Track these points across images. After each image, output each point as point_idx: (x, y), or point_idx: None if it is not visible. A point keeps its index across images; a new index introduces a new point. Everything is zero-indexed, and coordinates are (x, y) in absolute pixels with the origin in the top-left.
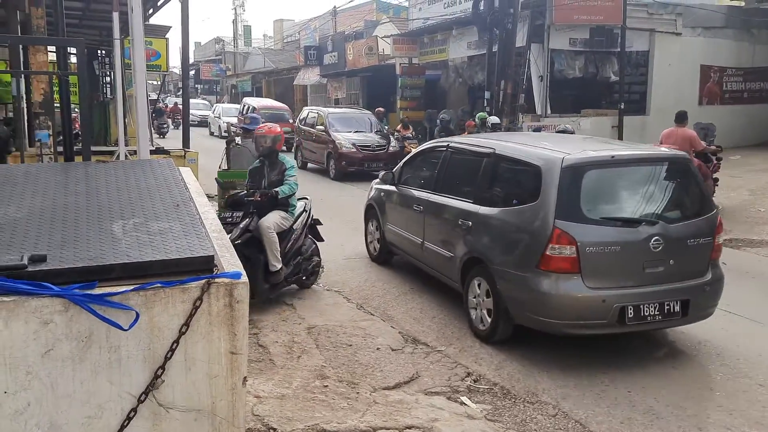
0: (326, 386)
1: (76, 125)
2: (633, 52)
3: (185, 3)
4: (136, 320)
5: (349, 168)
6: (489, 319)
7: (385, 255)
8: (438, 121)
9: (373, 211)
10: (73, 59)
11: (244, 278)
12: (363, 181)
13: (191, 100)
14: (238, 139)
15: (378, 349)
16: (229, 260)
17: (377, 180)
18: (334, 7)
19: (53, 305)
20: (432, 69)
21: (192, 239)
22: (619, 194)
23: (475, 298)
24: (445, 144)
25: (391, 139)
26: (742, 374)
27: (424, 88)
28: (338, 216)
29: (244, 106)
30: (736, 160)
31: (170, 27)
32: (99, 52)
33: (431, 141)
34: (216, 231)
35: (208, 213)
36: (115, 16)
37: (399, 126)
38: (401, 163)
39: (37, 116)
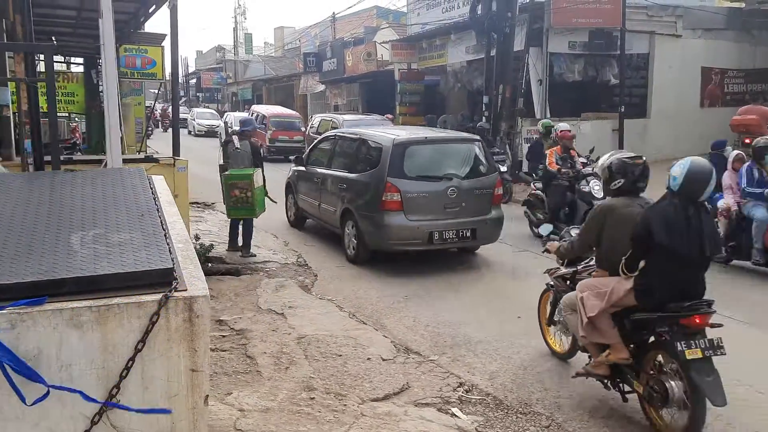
0: (313, 398)
1: (76, 135)
2: (633, 54)
3: (174, 11)
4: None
5: None
6: (354, 249)
7: (299, 220)
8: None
9: (290, 188)
10: (77, 69)
11: (205, 291)
12: None
13: (198, 110)
14: (236, 143)
15: (369, 359)
16: (192, 272)
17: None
18: (333, 13)
19: None
20: (431, 74)
21: (152, 251)
22: (429, 161)
23: (347, 236)
24: (334, 134)
25: None
26: (741, 382)
27: (423, 94)
28: None
29: (253, 113)
30: None
31: (165, 35)
32: (99, 60)
33: (331, 131)
34: (182, 241)
35: (176, 223)
36: (101, 23)
37: None
38: (308, 149)
39: (24, 125)
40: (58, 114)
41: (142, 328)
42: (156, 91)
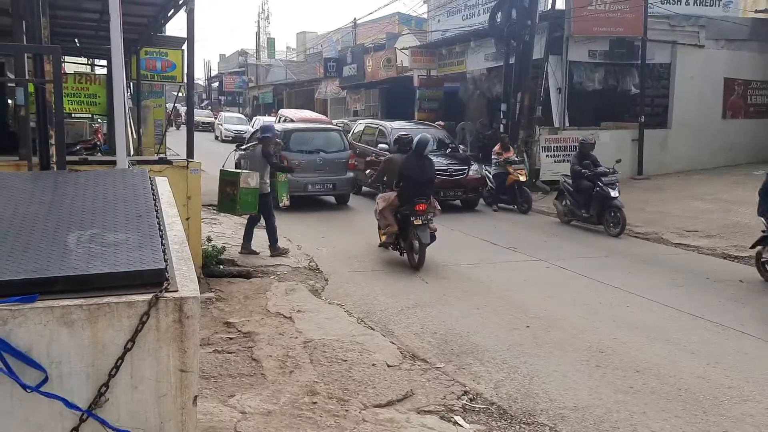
0: (315, 403)
1: (98, 136)
2: (654, 64)
3: (191, 15)
4: (45, 381)
5: None
6: None
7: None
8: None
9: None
10: (102, 70)
11: (195, 293)
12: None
13: (225, 114)
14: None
15: (374, 365)
16: (185, 273)
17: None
18: (355, 19)
19: None
20: (450, 81)
21: (146, 251)
22: (306, 142)
23: None
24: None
25: (472, 162)
26: (750, 398)
27: (442, 100)
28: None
29: (280, 117)
30: (759, 175)
31: (185, 39)
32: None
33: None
34: (178, 243)
35: (174, 224)
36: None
37: (497, 146)
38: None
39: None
40: (81, 115)
41: (132, 328)
42: (176, 93)
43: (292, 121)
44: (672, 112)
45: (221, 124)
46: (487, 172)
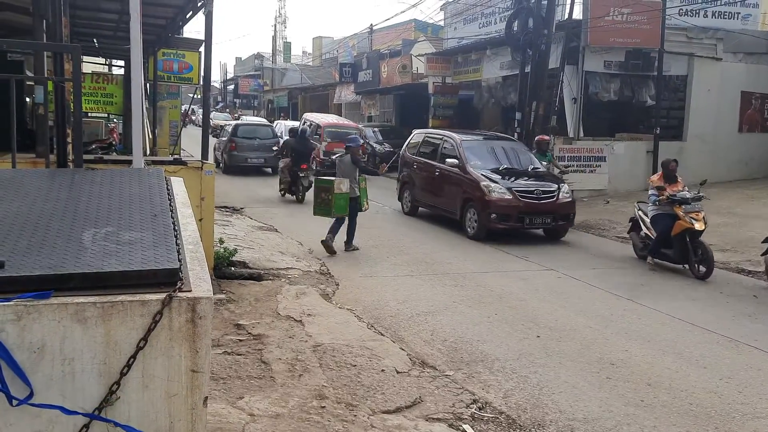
0: (323, 407)
1: (114, 135)
2: (671, 76)
3: (209, 17)
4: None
5: (500, 224)
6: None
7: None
8: None
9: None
10: (119, 71)
11: (209, 293)
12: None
13: (248, 118)
14: (339, 156)
15: (383, 370)
16: (198, 274)
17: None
18: (371, 25)
19: (5, 314)
20: (465, 89)
21: (160, 251)
22: (249, 132)
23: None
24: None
25: (564, 183)
26: (763, 414)
27: (457, 108)
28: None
29: (305, 122)
30: None
31: (203, 41)
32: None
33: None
34: (192, 243)
35: (189, 225)
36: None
37: (656, 176)
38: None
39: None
40: (97, 115)
41: (145, 327)
42: (192, 95)
43: (318, 126)
44: (688, 125)
45: None
46: (641, 213)
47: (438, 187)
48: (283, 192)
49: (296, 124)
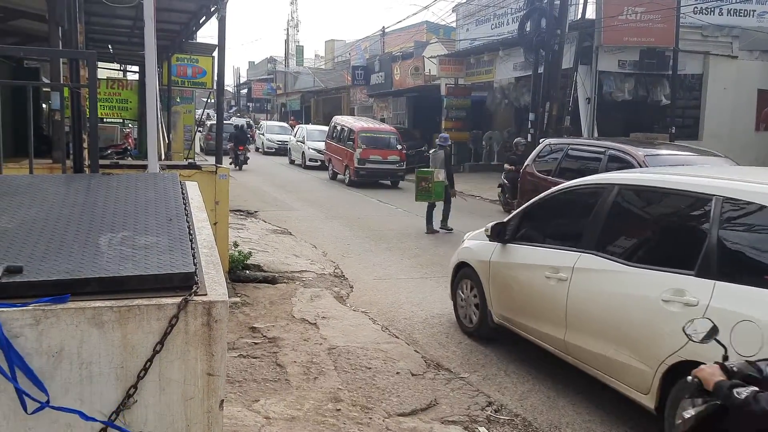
0: (339, 410)
1: (129, 140)
2: (686, 75)
3: (222, 22)
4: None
5: None
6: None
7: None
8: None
9: None
10: (133, 76)
11: (224, 297)
12: None
13: (267, 122)
14: (434, 150)
15: (398, 373)
16: (214, 277)
17: None
18: (383, 27)
19: (23, 318)
20: (478, 90)
21: (176, 255)
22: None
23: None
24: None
25: None
26: None
27: (470, 109)
28: None
29: (335, 125)
30: None
31: (216, 46)
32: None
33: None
34: (207, 247)
35: (203, 228)
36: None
37: None
38: None
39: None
40: (112, 120)
41: (161, 330)
42: (206, 99)
43: (351, 131)
44: (703, 124)
45: (263, 134)
46: None
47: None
48: (231, 163)
49: (317, 128)
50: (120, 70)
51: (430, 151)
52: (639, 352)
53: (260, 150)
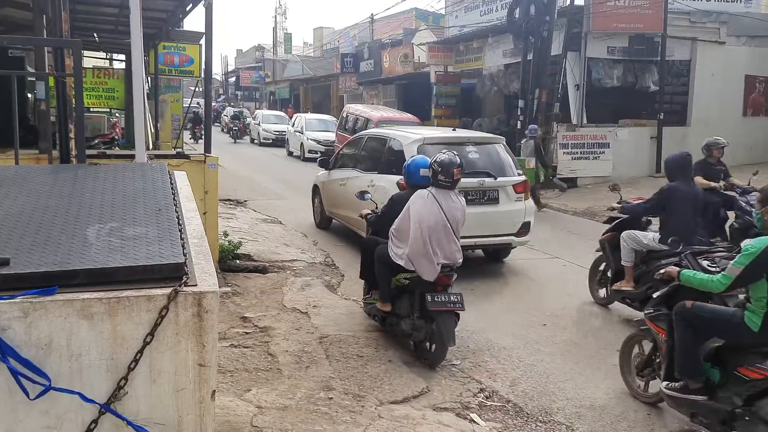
0: (331, 398)
1: (116, 130)
2: (674, 61)
3: (209, 9)
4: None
5: None
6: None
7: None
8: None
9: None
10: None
11: (214, 287)
12: None
13: (263, 112)
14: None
15: (390, 361)
16: (204, 268)
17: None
18: (372, 14)
19: (11, 311)
20: (467, 77)
21: (165, 245)
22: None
23: None
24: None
25: None
26: None
27: (459, 97)
28: None
29: (347, 115)
30: None
31: (203, 33)
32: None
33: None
34: (197, 237)
35: (193, 219)
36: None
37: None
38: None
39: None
40: (99, 110)
41: (151, 322)
42: (193, 88)
43: (368, 120)
44: (691, 110)
45: (258, 124)
46: None
47: None
48: (190, 138)
49: (327, 118)
50: (106, 58)
51: (522, 141)
52: (356, 212)
53: (256, 141)
